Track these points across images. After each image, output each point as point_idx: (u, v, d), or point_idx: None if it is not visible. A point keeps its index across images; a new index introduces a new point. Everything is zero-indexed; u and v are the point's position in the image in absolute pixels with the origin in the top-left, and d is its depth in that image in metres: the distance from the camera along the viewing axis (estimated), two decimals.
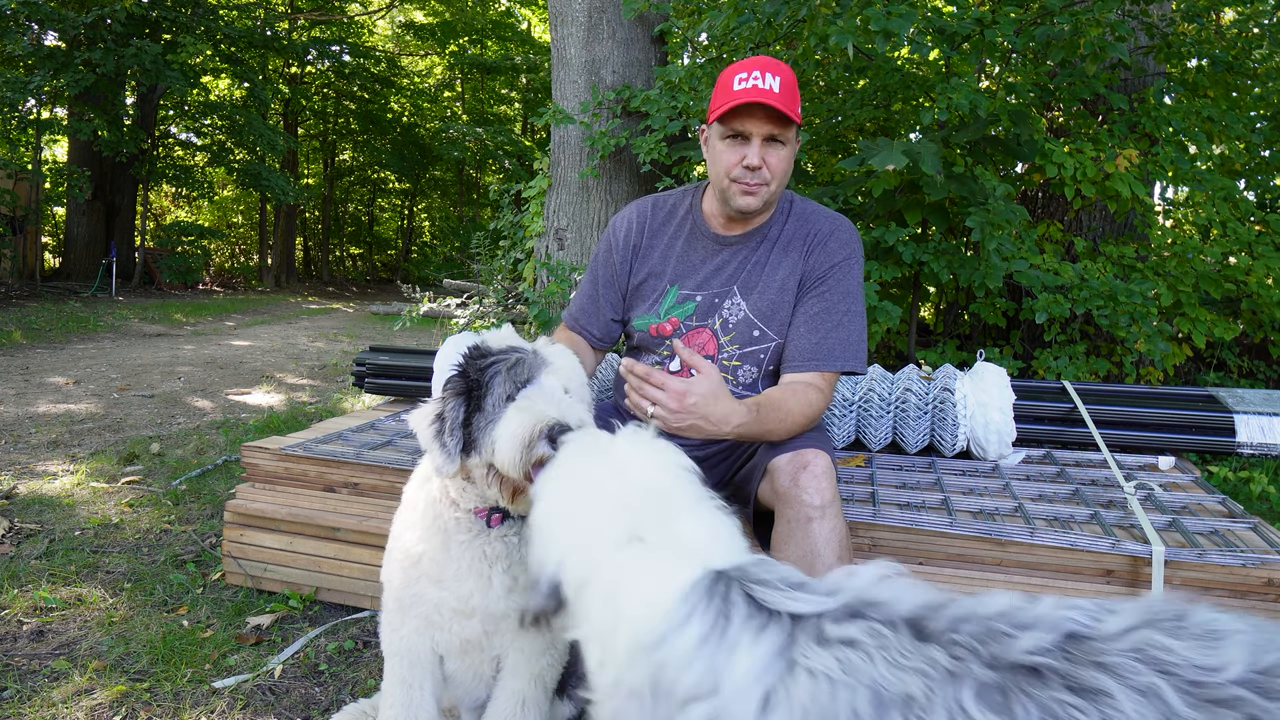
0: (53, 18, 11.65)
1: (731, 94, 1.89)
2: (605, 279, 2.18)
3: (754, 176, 1.92)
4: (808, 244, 2.03)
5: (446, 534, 1.56)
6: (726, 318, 2.05)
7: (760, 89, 1.85)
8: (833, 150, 5.39)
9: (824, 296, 2.00)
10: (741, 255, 2.06)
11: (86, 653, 2.24)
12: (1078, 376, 3.88)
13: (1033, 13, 4.07)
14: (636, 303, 2.15)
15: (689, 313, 2.07)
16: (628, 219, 2.18)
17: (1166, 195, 5.59)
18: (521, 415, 1.39)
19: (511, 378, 1.44)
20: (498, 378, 1.45)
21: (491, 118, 22.90)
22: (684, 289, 2.08)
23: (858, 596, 0.97)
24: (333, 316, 13.79)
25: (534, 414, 1.39)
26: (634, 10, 4.79)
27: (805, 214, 2.09)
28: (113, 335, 9.44)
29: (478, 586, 1.55)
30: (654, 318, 2.10)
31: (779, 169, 1.94)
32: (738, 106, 1.87)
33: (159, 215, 20.79)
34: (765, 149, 1.92)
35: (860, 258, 2.06)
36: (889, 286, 4.62)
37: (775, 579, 1.01)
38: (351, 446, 2.73)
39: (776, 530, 1.81)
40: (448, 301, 7.63)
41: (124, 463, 4.03)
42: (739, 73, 1.90)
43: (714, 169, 2.00)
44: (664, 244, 2.13)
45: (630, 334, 2.20)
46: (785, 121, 1.90)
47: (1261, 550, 2.00)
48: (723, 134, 1.95)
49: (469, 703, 1.78)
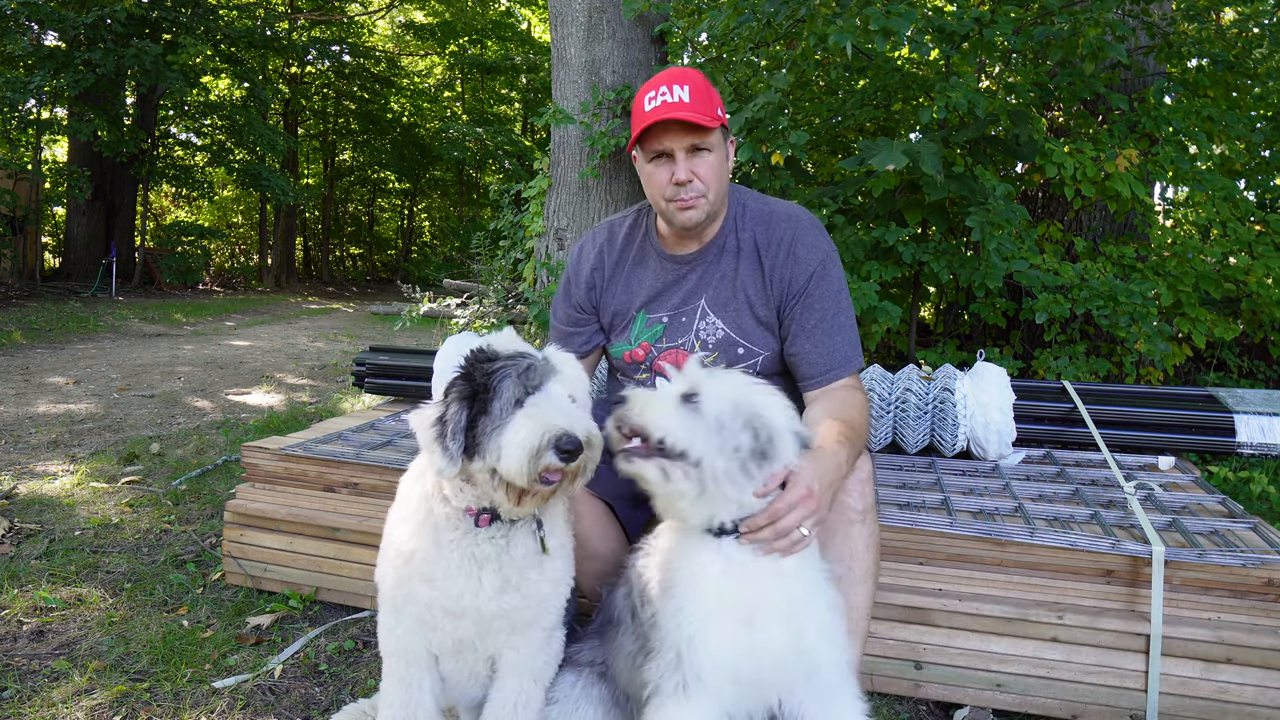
0: (53, 18, 11.65)
1: (643, 115, 1.86)
2: (567, 320, 2.16)
3: (686, 191, 1.89)
4: (772, 251, 1.98)
5: (437, 530, 1.56)
6: (704, 338, 2.02)
7: (669, 103, 1.82)
8: (833, 150, 5.39)
9: (815, 307, 1.94)
10: (700, 270, 2.03)
11: (86, 653, 2.24)
12: (1078, 376, 3.88)
13: (1032, 12, 4.07)
14: (611, 332, 2.15)
15: (658, 334, 2.06)
16: (588, 260, 2.15)
17: (1166, 195, 5.59)
18: (530, 424, 1.39)
19: (521, 383, 1.44)
20: (506, 381, 1.43)
21: (491, 118, 22.90)
22: (650, 313, 2.07)
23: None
24: (333, 316, 13.79)
25: (543, 423, 1.39)
26: (634, 10, 4.79)
27: (761, 215, 2.03)
28: (113, 335, 9.44)
29: (468, 586, 1.55)
30: (625, 344, 2.10)
31: (709, 176, 1.89)
32: (650, 126, 1.84)
33: (159, 215, 20.80)
34: (691, 161, 1.88)
35: (832, 252, 2.00)
36: (889, 286, 4.62)
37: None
38: (351, 446, 2.73)
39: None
40: (448, 301, 7.63)
41: (124, 463, 4.03)
42: (648, 92, 1.88)
43: (649, 192, 1.98)
44: (624, 275, 2.11)
45: (610, 360, 2.21)
46: (702, 130, 1.85)
47: (1261, 550, 2.00)
48: (647, 157, 1.92)
49: (465, 702, 1.78)
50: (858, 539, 1.76)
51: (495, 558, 1.56)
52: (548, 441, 1.37)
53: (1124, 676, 1.98)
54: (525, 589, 1.58)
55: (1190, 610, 1.99)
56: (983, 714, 2.02)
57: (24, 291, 12.16)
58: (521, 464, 1.38)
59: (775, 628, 1.44)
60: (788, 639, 1.44)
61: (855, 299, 3.39)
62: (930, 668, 2.08)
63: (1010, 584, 2.11)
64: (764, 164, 4.09)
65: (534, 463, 1.38)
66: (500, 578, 1.56)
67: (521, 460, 1.37)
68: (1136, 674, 1.97)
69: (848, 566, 1.76)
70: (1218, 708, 1.92)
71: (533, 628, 1.63)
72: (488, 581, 1.55)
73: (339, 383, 6.72)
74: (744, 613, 1.43)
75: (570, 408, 1.46)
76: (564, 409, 1.44)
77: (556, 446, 1.37)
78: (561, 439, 1.37)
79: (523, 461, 1.37)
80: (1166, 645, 1.95)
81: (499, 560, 1.56)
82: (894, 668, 2.11)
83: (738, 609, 1.43)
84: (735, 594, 1.43)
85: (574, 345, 2.15)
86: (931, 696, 2.10)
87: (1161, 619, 1.94)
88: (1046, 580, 2.09)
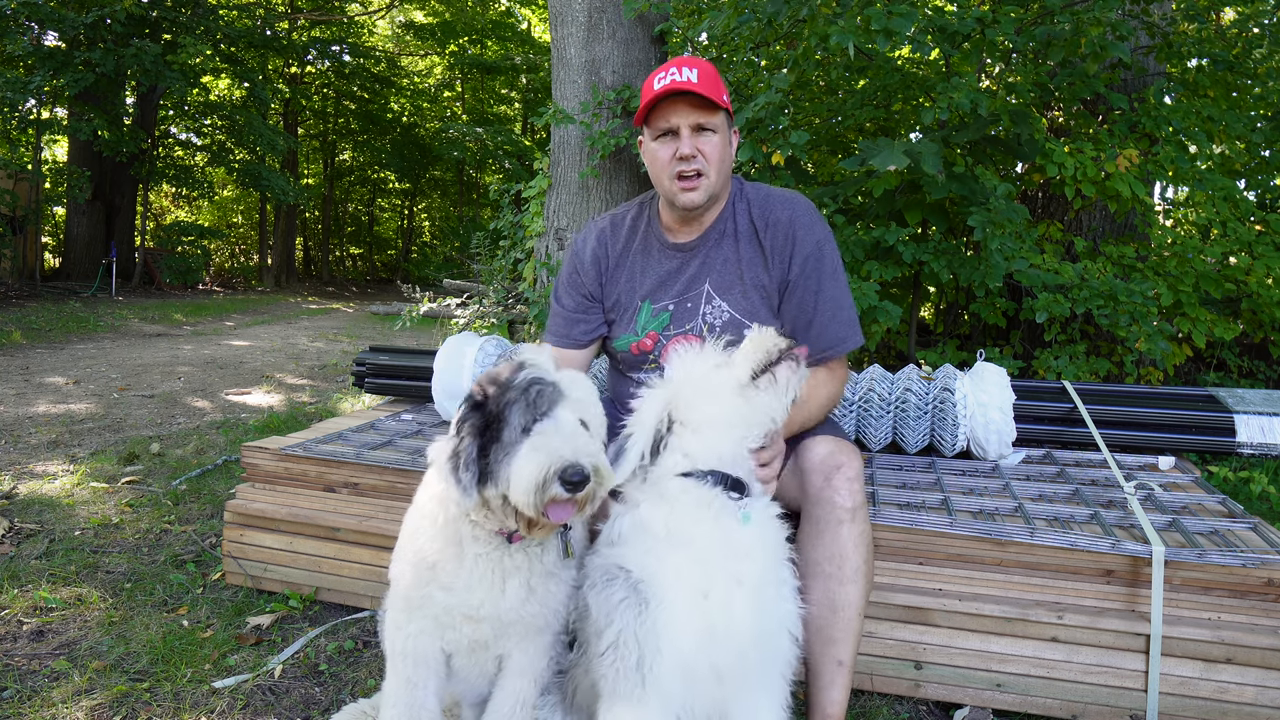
0: (53, 18, 11.65)
1: (652, 92, 1.90)
2: (576, 307, 2.17)
3: (689, 165, 1.92)
4: (771, 235, 2.02)
5: (462, 546, 1.55)
6: (711, 321, 2.04)
7: (678, 81, 1.87)
8: (833, 150, 5.39)
9: (808, 290, 1.99)
10: (702, 255, 2.05)
11: (86, 653, 2.24)
12: (1078, 376, 3.88)
13: (1033, 12, 4.07)
14: (615, 324, 2.15)
15: (664, 323, 2.07)
16: (590, 246, 2.17)
17: (1167, 195, 5.59)
18: (536, 455, 1.37)
19: (528, 411, 1.42)
20: (514, 408, 1.42)
21: (491, 118, 22.89)
22: (655, 302, 2.08)
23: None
24: (332, 316, 13.79)
25: (548, 453, 1.37)
26: (634, 10, 4.79)
27: (759, 199, 2.07)
28: (112, 335, 9.44)
29: (489, 596, 1.55)
30: (632, 336, 2.10)
31: (714, 155, 1.93)
32: (658, 99, 1.89)
33: (159, 215, 20.79)
34: (697, 139, 1.92)
35: (828, 234, 2.04)
36: (889, 286, 4.62)
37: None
38: (351, 446, 2.73)
39: (804, 529, 1.82)
40: (448, 301, 7.63)
41: (124, 463, 4.03)
42: (658, 74, 1.92)
43: (654, 172, 2.01)
44: (628, 265, 2.12)
45: (613, 354, 2.21)
46: (710, 107, 1.90)
47: (1261, 550, 2.00)
48: (653, 135, 1.96)
49: (471, 698, 1.79)
50: (846, 538, 1.76)
51: (526, 566, 1.56)
52: (553, 474, 1.36)
53: (1124, 676, 1.98)
54: (545, 597, 1.59)
55: (1190, 610, 1.99)
56: (983, 714, 2.02)
57: (24, 291, 12.16)
58: (528, 495, 1.37)
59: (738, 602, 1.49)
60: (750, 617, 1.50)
61: (855, 299, 3.38)
62: (930, 668, 2.08)
63: (1010, 584, 2.11)
64: (764, 164, 4.09)
65: (540, 494, 1.37)
66: (526, 587, 1.57)
67: (528, 494, 1.37)
68: (1136, 674, 1.97)
69: (837, 565, 1.76)
70: (1218, 708, 1.92)
71: (544, 632, 1.65)
72: (511, 591, 1.55)
73: (339, 383, 6.72)
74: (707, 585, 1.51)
75: (579, 435, 1.43)
76: (572, 437, 1.41)
77: (562, 478, 1.35)
78: (567, 470, 1.35)
79: (529, 493, 1.37)
80: (1166, 645, 1.95)
81: (529, 569, 1.56)
82: (894, 668, 2.11)
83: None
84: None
85: (577, 333, 2.15)
86: (931, 696, 2.10)
87: (1161, 619, 1.94)
88: (1046, 580, 2.09)
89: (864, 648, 2.08)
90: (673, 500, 1.54)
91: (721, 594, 1.49)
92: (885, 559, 2.16)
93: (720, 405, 1.57)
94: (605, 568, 1.55)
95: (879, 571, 2.12)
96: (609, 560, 1.55)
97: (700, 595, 1.48)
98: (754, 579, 1.51)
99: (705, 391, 1.58)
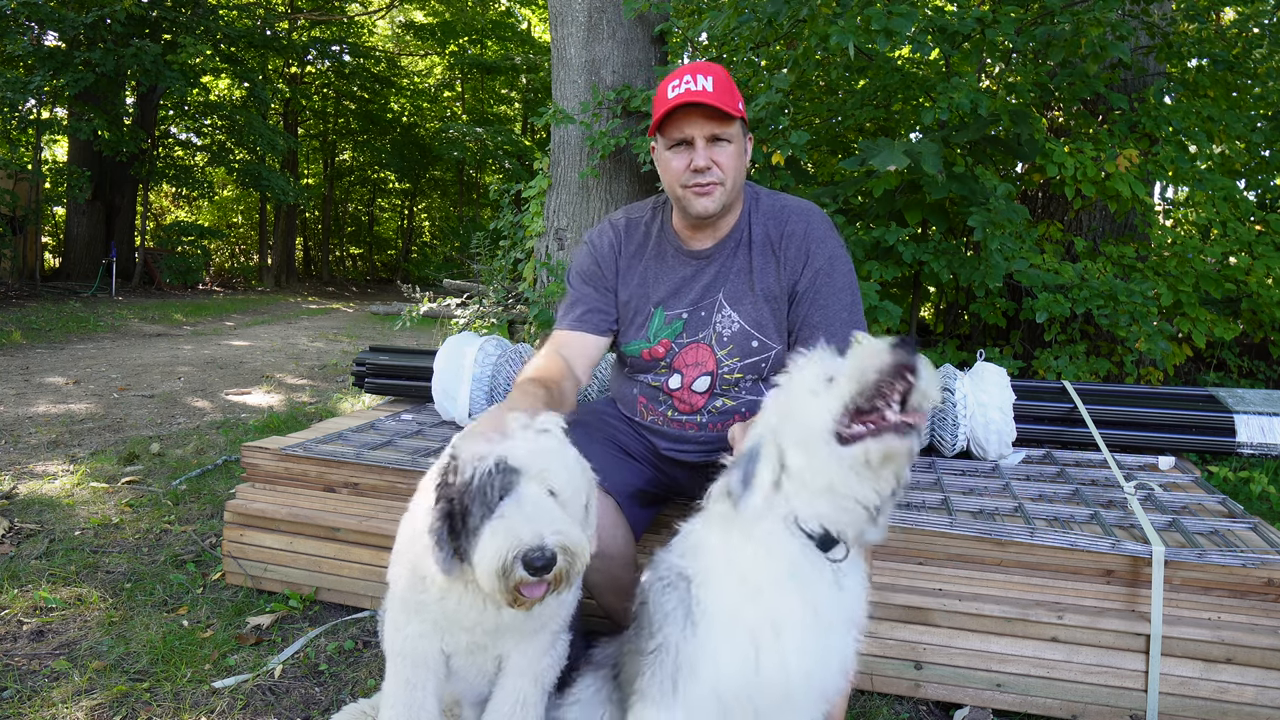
0: (53, 18, 11.65)
1: (666, 101, 1.87)
2: (600, 286, 2.13)
3: (704, 178, 1.90)
4: (785, 245, 2.00)
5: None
6: (720, 331, 2.02)
7: (693, 91, 1.84)
8: (833, 150, 5.39)
9: (822, 304, 1.97)
10: (718, 264, 2.04)
11: (86, 653, 2.24)
12: (1078, 376, 3.88)
13: (1033, 12, 4.07)
14: (624, 326, 2.13)
15: (678, 331, 2.05)
16: (608, 238, 2.15)
17: (1167, 195, 5.59)
18: (495, 540, 1.30)
19: (484, 501, 1.34)
20: (473, 501, 1.35)
21: (491, 118, 22.89)
22: (669, 309, 2.06)
23: None
24: (332, 316, 13.79)
25: (508, 538, 1.29)
26: (634, 10, 4.79)
27: (773, 209, 2.06)
28: (112, 335, 9.44)
29: (482, 610, 1.54)
30: (644, 342, 2.08)
31: (729, 166, 1.91)
32: (673, 110, 1.86)
33: (159, 215, 20.79)
34: (711, 149, 1.90)
35: (842, 248, 2.02)
36: (889, 286, 4.62)
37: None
38: (351, 446, 2.73)
39: None
40: (448, 301, 7.63)
41: (124, 463, 4.03)
42: (671, 81, 1.90)
43: (666, 180, 1.98)
44: (641, 267, 2.10)
45: (622, 357, 2.19)
46: (725, 118, 1.88)
47: (1261, 550, 2.00)
48: (667, 144, 1.94)
49: (471, 697, 1.79)
50: None
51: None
52: (512, 559, 1.29)
53: (1124, 676, 1.98)
54: (540, 605, 1.55)
55: (1190, 610, 1.99)
56: (983, 714, 2.02)
57: (24, 291, 12.16)
58: (493, 584, 1.31)
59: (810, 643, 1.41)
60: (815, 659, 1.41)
61: None
62: (930, 668, 2.08)
63: (1010, 584, 2.11)
64: (764, 164, 4.09)
65: (504, 580, 1.31)
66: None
67: (492, 581, 1.31)
68: (1136, 674, 1.97)
69: None
70: (1218, 708, 1.92)
71: (542, 632, 1.64)
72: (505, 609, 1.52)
73: (339, 383, 6.72)
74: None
75: (543, 507, 1.34)
76: (533, 513, 1.32)
77: (524, 561, 1.28)
78: (527, 554, 1.28)
79: (493, 581, 1.31)
80: (1166, 645, 1.95)
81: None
82: (894, 668, 2.11)
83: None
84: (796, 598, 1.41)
85: (594, 322, 2.11)
86: (931, 696, 2.10)
87: (1161, 619, 1.94)
88: (1046, 580, 2.09)
89: (864, 648, 2.07)
90: (758, 544, 1.42)
91: (778, 639, 1.40)
92: (885, 559, 2.16)
93: (812, 457, 1.37)
94: (672, 568, 1.50)
95: (879, 571, 2.12)
96: (677, 564, 1.49)
97: (752, 634, 1.40)
98: (823, 625, 1.42)
99: (800, 436, 1.39)
